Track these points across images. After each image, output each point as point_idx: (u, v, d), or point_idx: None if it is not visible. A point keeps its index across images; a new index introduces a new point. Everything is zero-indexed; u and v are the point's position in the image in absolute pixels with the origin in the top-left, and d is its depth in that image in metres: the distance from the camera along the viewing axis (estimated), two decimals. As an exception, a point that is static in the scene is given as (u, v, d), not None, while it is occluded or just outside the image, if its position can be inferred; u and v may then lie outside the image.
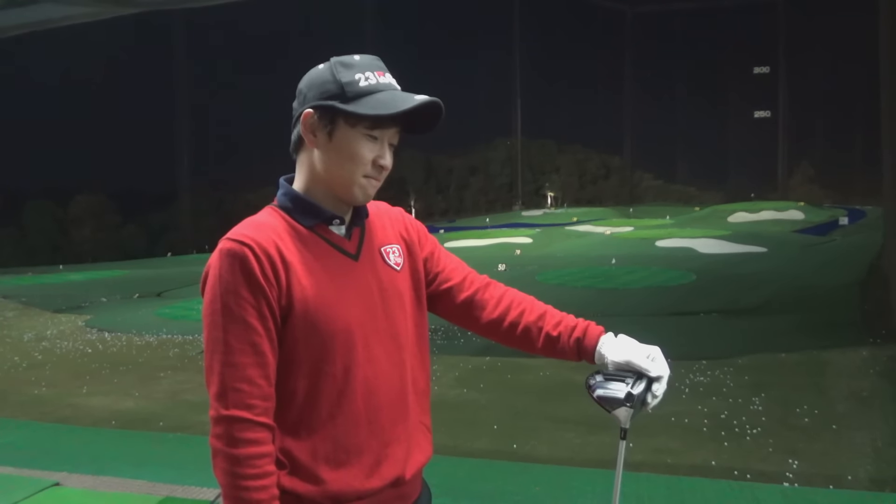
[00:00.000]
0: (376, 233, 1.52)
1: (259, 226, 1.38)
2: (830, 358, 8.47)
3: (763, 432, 5.85)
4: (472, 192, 52.78)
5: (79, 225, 39.24)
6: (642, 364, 1.44)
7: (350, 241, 1.46)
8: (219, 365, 1.31)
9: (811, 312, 11.78)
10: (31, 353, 10.66)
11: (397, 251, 1.52)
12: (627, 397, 1.41)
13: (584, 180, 54.84)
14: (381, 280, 1.46)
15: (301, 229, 1.41)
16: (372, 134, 1.39)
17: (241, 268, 1.31)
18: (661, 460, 5.26)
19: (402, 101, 1.38)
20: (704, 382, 7.52)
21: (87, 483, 4.49)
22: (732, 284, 15.40)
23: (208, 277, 1.36)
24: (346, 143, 1.39)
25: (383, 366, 1.43)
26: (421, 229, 1.61)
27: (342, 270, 1.41)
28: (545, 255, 23.48)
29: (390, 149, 1.44)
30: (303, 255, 1.38)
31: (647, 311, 12.84)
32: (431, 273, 1.59)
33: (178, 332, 11.78)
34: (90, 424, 6.72)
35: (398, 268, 1.50)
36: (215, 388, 1.32)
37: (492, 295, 1.61)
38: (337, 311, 1.37)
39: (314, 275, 1.37)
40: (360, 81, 1.38)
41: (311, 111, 1.40)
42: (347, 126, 1.39)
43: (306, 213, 1.42)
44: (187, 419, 6.85)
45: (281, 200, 1.45)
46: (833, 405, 6.67)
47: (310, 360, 1.36)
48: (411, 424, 1.48)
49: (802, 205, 38.36)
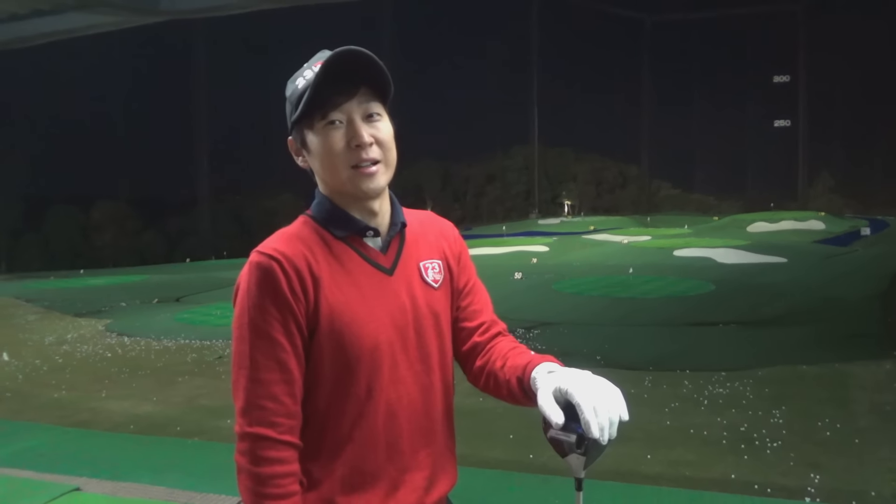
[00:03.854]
0: (417, 246, 1.43)
1: (290, 238, 1.33)
2: (852, 371, 8.34)
3: (784, 446, 5.76)
4: (488, 200, 52.80)
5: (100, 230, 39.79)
6: (582, 415, 1.14)
7: (385, 255, 1.38)
8: (244, 380, 1.27)
9: (832, 324, 11.62)
10: (51, 356, 10.80)
11: (437, 267, 1.43)
12: (578, 442, 1.14)
13: (602, 189, 54.66)
14: (415, 297, 1.37)
15: (334, 241, 1.35)
16: (329, 120, 1.31)
17: (268, 282, 1.27)
18: (679, 473, 5.19)
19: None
20: (723, 394, 7.42)
21: (106, 489, 4.52)
22: (752, 295, 15.22)
23: (238, 290, 1.32)
24: (316, 145, 1.34)
25: (409, 388, 1.36)
26: (464, 252, 1.52)
27: (374, 286, 1.34)
28: (562, 264, 23.38)
29: (368, 122, 1.33)
30: (333, 268, 1.32)
31: (665, 320, 12.72)
32: (456, 305, 1.48)
33: (196, 338, 11.87)
34: (109, 428, 6.79)
35: (436, 285, 1.42)
36: (241, 404, 1.28)
37: (493, 346, 1.46)
38: (365, 328, 1.30)
39: (343, 290, 1.31)
40: (300, 84, 1.34)
41: (290, 139, 1.40)
42: (308, 131, 1.34)
43: (339, 223, 1.36)
44: (204, 424, 6.89)
45: (315, 210, 1.40)
46: (855, 419, 6.55)
47: (333, 379, 1.31)
48: (437, 450, 1.41)
49: (823, 215, 37.90)
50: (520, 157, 53.95)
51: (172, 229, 41.95)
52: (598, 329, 11.89)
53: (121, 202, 41.03)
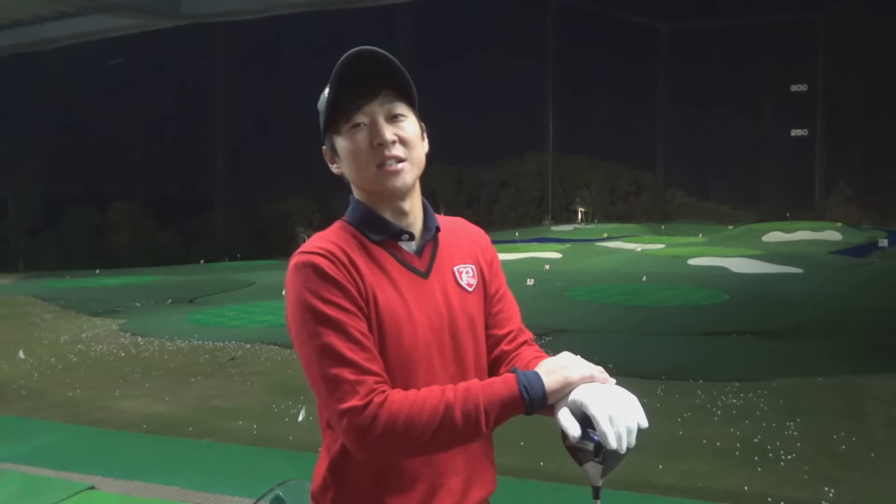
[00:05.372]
0: (450, 250, 1.45)
1: (328, 239, 1.35)
2: (868, 383, 8.24)
3: (798, 458, 5.70)
4: (501, 206, 52.73)
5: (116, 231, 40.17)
6: (598, 427, 1.14)
7: (420, 259, 1.40)
8: (334, 369, 1.22)
9: (848, 336, 11.49)
10: (66, 355, 10.90)
11: (471, 271, 1.45)
12: (596, 451, 1.15)
13: (616, 196, 54.42)
14: (450, 301, 1.39)
15: (370, 244, 1.36)
16: (354, 123, 1.34)
17: (319, 273, 1.26)
18: (691, 484, 5.15)
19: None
20: (737, 405, 7.36)
21: (121, 488, 4.56)
22: (766, 305, 15.09)
23: (288, 294, 1.30)
24: (343, 148, 1.37)
25: None
26: (496, 259, 1.53)
27: (411, 288, 1.35)
28: (575, 271, 23.30)
29: (392, 122, 1.35)
30: (372, 269, 1.33)
31: (678, 329, 12.64)
32: (487, 312, 1.48)
33: (210, 339, 11.94)
34: (122, 428, 6.84)
35: (470, 289, 1.43)
36: (340, 392, 1.21)
37: (517, 355, 1.47)
38: (404, 329, 1.31)
39: (383, 290, 1.31)
40: (326, 92, 1.36)
41: (324, 148, 1.44)
42: (336, 136, 1.38)
43: (375, 227, 1.38)
44: (216, 425, 6.93)
45: (350, 215, 1.42)
46: (871, 432, 6.48)
47: None
48: (472, 455, 1.40)
49: (840, 225, 37.48)
50: (534, 163, 53.86)
51: (188, 231, 42.28)
52: (610, 337, 11.83)
53: (137, 203, 41.42)
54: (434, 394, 1.23)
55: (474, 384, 1.24)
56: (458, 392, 1.22)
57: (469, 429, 1.21)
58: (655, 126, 55.50)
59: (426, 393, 1.23)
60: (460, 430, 1.21)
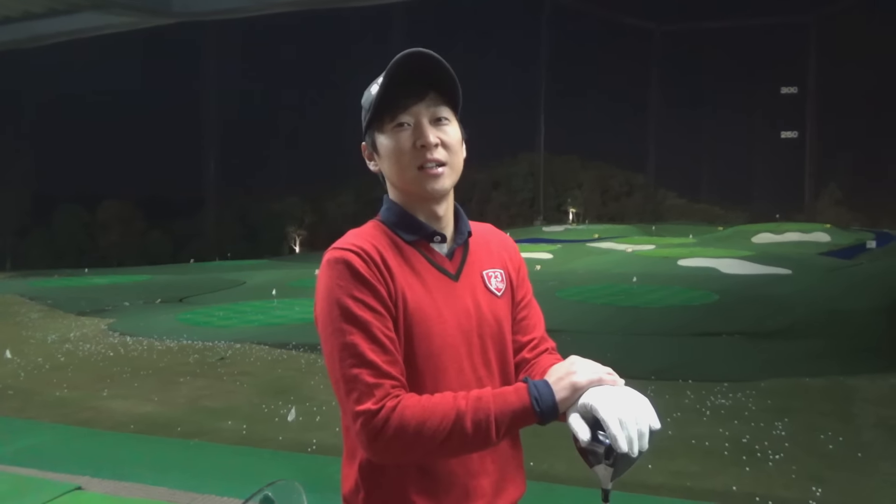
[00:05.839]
0: (480, 255, 1.45)
1: (362, 236, 1.35)
2: (856, 384, 8.30)
3: (786, 458, 5.74)
4: (493, 207, 52.79)
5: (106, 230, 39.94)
6: (609, 431, 1.14)
7: (451, 261, 1.40)
8: (354, 369, 1.23)
9: (836, 337, 11.57)
10: (54, 354, 10.82)
11: (500, 276, 1.45)
12: (607, 453, 1.14)
13: (607, 197, 54.62)
14: (479, 304, 1.39)
15: (402, 244, 1.37)
16: (398, 122, 1.34)
17: (351, 271, 1.27)
18: (680, 483, 5.17)
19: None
20: (726, 405, 7.40)
21: (108, 488, 4.53)
22: (756, 306, 15.18)
23: (319, 289, 1.32)
24: (385, 147, 1.36)
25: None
26: (522, 266, 1.53)
27: (441, 289, 1.36)
28: (566, 272, 23.36)
29: (436, 126, 1.35)
30: (403, 268, 1.34)
31: (668, 330, 12.69)
32: (513, 317, 1.48)
33: (199, 339, 11.89)
34: (110, 428, 6.79)
35: (499, 293, 1.43)
36: (357, 393, 1.22)
37: (536, 362, 1.47)
38: (434, 329, 1.31)
39: (414, 290, 1.32)
40: (373, 90, 1.36)
41: (363, 144, 1.43)
42: (379, 134, 1.37)
43: (408, 227, 1.38)
44: (205, 425, 6.90)
45: (384, 215, 1.42)
46: (859, 432, 6.52)
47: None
48: (501, 457, 1.40)
49: (829, 227, 37.79)
50: (525, 163, 54.01)
51: (178, 230, 42.07)
52: (601, 338, 11.87)
53: (127, 202, 41.17)
54: (446, 401, 1.23)
55: (486, 393, 1.25)
56: (469, 400, 1.23)
57: (479, 438, 1.22)
58: (647, 127, 55.79)
59: (438, 399, 1.24)
60: (470, 438, 1.22)
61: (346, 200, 44.88)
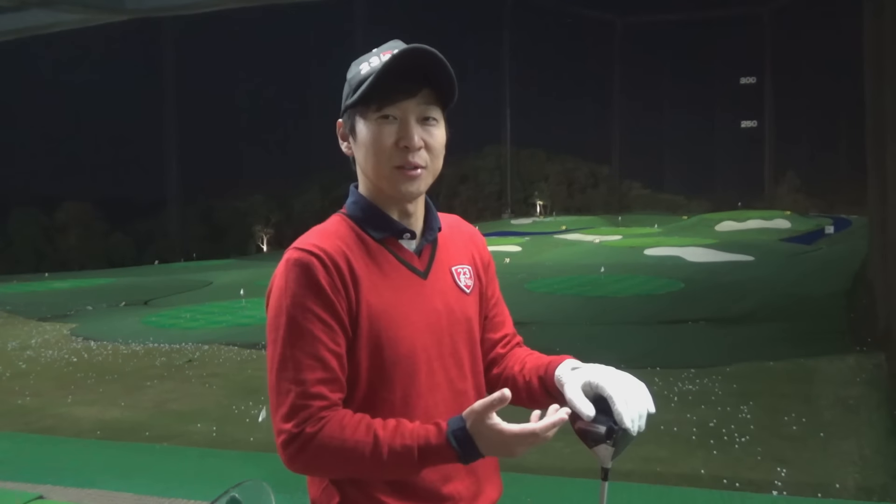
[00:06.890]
0: (448, 250, 1.41)
1: (328, 235, 1.30)
2: (817, 366, 8.52)
3: (751, 441, 5.87)
4: (461, 201, 52.79)
5: (65, 232, 38.92)
6: (615, 407, 1.17)
7: (420, 258, 1.35)
8: (287, 383, 1.21)
9: (798, 321, 11.86)
10: (14, 362, 10.52)
11: (468, 272, 1.41)
12: (609, 433, 1.17)
13: (573, 189, 55.07)
14: (449, 302, 1.35)
15: (370, 241, 1.32)
16: (384, 114, 1.28)
17: (308, 278, 1.22)
18: (650, 469, 5.26)
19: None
20: (693, 391, 7.54)
21: (71, 496, 4.43)
22: (720, 293, 15.48)
23: (273, 289, 1.27)
24: (364, 134, 1.30)
25: (445, 395, 1.32)
26: (491, 262, 1.50)
27: (409, 289, 1.31)
28: (534, 264, 23.51)
29: (422, 125, 1.30)
30: (370, 269, 1.28)
31: (636, 319, 12.87)
32: (483, 314, 1.45)
33: (165, 341, 11.68)
34: (75, 435, 6.64)
35: (468, 290, 1.39)
36: (284, 409, 1.20)
37: (509, 355, 1.47)
38: (402, 332, 1.27)
39: (381, 293, 1.27)
40: (363, 69, 1.30)
41: (339, 121, 1.37)
42: (361, 119, 1.30)
43: (376, 225, 1.33)
44: (173, 429, 6.79)
45: (351, 209, 1.36)
46: (820, 413, 6.70)
47: (368, 385, 1.27)
48: (478, 462, 1.34)
49: (789, 214, 38.69)
50: (492, 157, 54.13)
51: (141, 231, 41.20)
52: (570, 328, 11.98)
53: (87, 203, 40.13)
54: (363, 428, 1.21)
55: (404, 424, 1.22)
56: (388, 430, 1.21)
57: (400, 468, 1.21)
58: (611, 119, 56.35)
59: (356, 425, 1.21)
60: (390, 468, 1.20)
61: (313, 198, 44.51)
